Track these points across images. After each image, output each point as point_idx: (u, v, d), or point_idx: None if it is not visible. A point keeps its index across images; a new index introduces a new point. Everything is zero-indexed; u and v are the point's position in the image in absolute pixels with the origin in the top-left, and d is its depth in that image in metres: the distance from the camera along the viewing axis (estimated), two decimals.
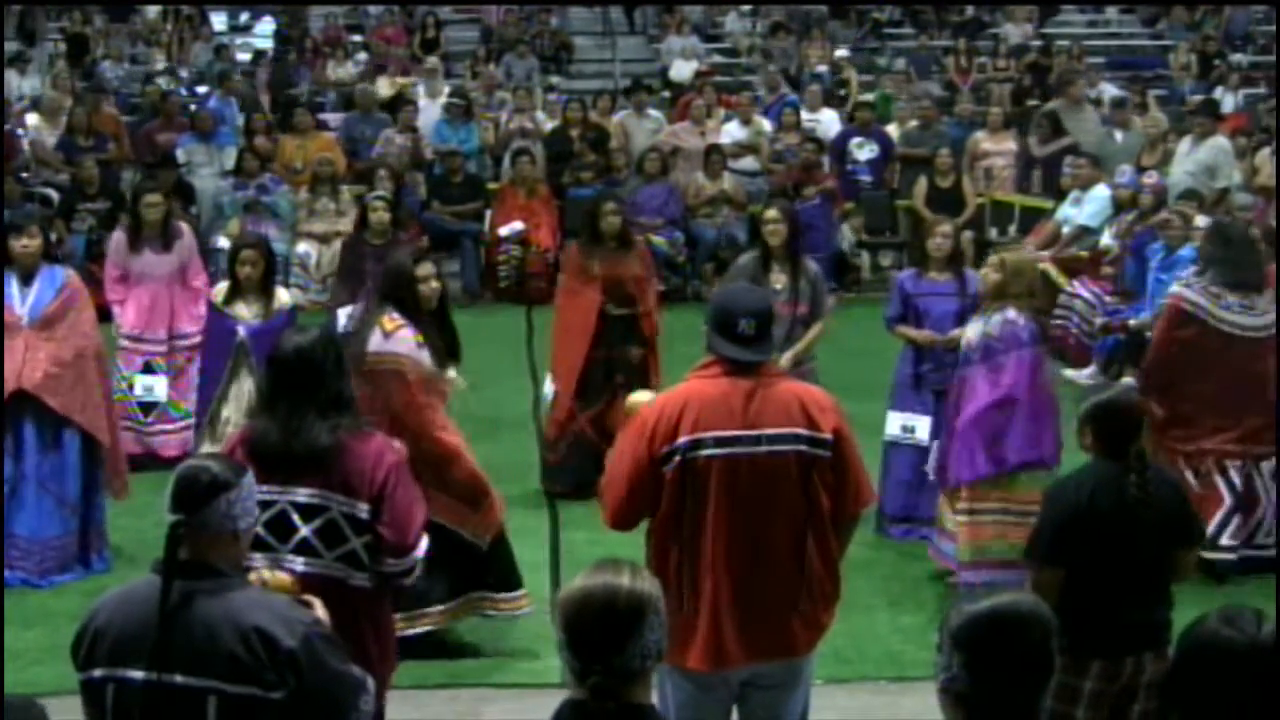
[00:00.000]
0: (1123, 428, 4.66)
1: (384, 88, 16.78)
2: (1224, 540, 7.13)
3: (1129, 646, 4.55)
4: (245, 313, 7.61)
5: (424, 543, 4.44)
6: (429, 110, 15.60)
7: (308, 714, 3.30)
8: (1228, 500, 7.16)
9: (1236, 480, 7.16)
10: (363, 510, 4.31)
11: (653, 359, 8.49)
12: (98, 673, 3.34)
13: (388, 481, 4.32)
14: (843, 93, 17.17)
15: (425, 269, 6.08)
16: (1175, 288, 7.52)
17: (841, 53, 18.78)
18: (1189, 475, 7.04)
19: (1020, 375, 6.59)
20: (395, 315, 5.97)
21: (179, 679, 3.26)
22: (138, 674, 3.28)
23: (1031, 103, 16.39)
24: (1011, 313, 6.61)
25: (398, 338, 5.94)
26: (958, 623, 2.84)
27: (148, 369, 8.90)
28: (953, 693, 2.82)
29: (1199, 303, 7.24)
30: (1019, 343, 6.60)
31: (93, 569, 7.27)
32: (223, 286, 7.85)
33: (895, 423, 7.71)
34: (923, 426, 7.63)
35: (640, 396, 5.07)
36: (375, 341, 5.92)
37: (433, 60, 17.29)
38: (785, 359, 7.58)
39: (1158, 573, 4.61)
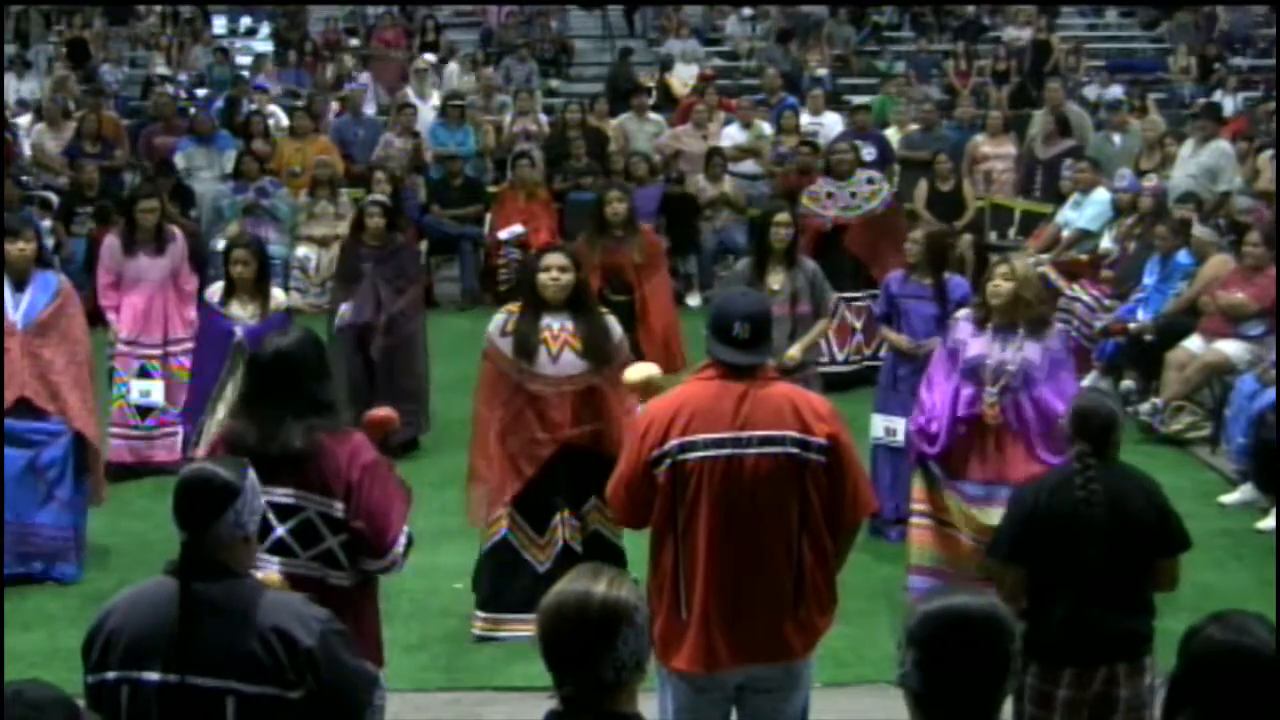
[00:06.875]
0: (1092, 430, 4.63)
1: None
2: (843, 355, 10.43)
3: (1101, 655, 4.54)
4: (241, 313, 7.56)
5: (403, 541, 4.42)
6: (424, 112, 15.58)
7: (325, 711, 3.31)
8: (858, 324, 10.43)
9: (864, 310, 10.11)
10: (338, 509, 4.32)
11: (656, 341, 8.86)
12: (111, 675, 3.32)
13: (362, 480, 4.32)
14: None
15: (550, 259, 6.27)
16: (803, 199, 10.90)
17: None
18: None
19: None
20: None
21: (197, 680, 3.26)
22: (153, 675, 3.28)
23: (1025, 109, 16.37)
24: (1054, 341, 6.46)
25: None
26: (912, 620, 2.86)
27: (143, 373, 8.85)
28: (908, 689, 2.84)
29: (818, 192, 10.87)
30: (1066, 352, 6.55)
31: (56, 571, 7.19)
32: (218, 287, 7.76)
33: (879, 425, 7.73)
34: (902, 429, 7.60)
35: (641, 369, 5.09)
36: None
37: (420, 61, 17.24)
38: (794, 350, 7.72)
39: (1133, 582, 4.59)
